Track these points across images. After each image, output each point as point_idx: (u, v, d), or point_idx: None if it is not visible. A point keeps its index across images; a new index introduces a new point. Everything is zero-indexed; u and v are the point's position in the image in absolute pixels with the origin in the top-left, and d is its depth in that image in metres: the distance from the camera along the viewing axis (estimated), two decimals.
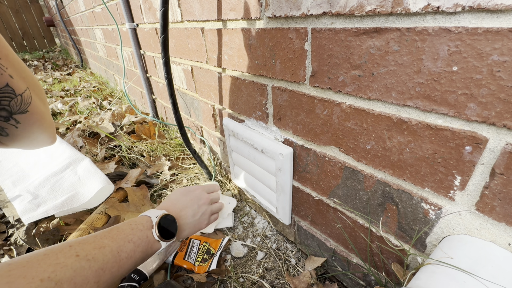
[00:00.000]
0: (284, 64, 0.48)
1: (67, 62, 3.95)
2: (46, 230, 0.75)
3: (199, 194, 0.62)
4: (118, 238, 0.43)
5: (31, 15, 5.36)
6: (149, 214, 0.51)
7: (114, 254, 0.40)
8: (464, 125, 0.30)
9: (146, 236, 0.47)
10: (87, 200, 0.81)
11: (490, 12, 0.25)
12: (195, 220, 0.59)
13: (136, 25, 1.12)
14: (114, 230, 0.44)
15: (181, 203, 0.58)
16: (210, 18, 0.61)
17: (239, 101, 0.65)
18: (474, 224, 0.33)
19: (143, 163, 1.10)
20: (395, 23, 0.31)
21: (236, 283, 0.61)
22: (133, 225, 0.47)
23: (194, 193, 0.62)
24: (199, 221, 0.60)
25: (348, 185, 0.47)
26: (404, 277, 0.41)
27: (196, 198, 0.61)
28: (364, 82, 0.37)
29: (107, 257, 0.39)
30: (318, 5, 0.38)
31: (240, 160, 0.72)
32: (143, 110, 1.62)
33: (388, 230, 0.44)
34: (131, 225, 0.47)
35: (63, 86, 2.45)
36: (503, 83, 0.26)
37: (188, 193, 0.61)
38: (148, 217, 0.50)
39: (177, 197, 0.60)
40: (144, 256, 0.46)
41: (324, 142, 0.48)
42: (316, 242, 0.62)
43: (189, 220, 0.57)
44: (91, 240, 0.40)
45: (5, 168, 0.97)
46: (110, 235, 0.43)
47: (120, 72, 1.80)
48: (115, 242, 0.42)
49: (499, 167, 0.28)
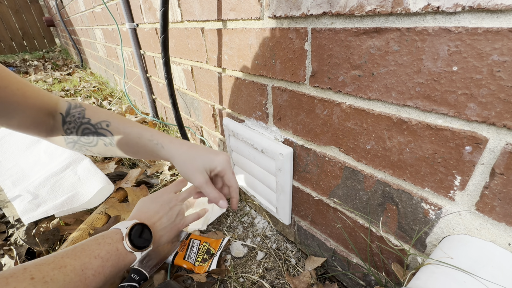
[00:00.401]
0: (284, 64, 0.48)
1: (67, 62, 3.96)
2: (46, 230, 0.75)
3: (168, 197, 0.60)
4: (82, 255, 0.40)
5: (31, 15, 5.37)
6: (118, 226, 0.49)
7: (77, 272, 0.37)
8: (464, 125, 0.30)
9: (116, 249, 0.44)
10: (87, 200, 0.81)
11: (490, 12, 0.25)
12: (170, 223, 0.57)
13: (136, 25, 1.12)
14: (78, 247, 0.42)
15: (151, 209, 0.56)
16: (210, 18, 0.61)
17: (239, 101, 0.65)
18: (474, 224, 0.33)
19: (143, 163, 1.10)
20: (395, 23, 0.31)
21: (236, 283, 0.61)
22: (100, 239, 0.44)
23: (162, 197, 0.59)
24: (175, 223, 0.58)
25: (348, 185, 0.47)
26: (404, 277, 0.41)
27: (166, 201, 0.59)
28: (364, 82, 0.37)
29: (69, 277, 0.36)
30: (318, 5, 0.38)
31: (240, 160, 0.72)
32: (143, 110, 1.62)
33: (388, 230, 0.44)
34: (97, 240, 0.44)
35: (63, 86, 2.45)
36: (503, 83, 0.26)
37: (156, 199, 0.59)
38: (118, 229, 0.48)
39: (146, 205, 0.57)
40: (117, 271, 0.44)
41: (324, 142, 0.48)
42: (316, 242, 0.62)
43: (165, 225, 0.55)
44: (50, 261, 0.37)
45: (5, 168, 0.97)
46: (73, 253, 0.40)
47: (120, 72, 1.80)
48: (79, 259, 0.39)
49: (499, 167, 0.28)
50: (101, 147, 0.53)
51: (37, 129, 0.50)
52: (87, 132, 0.51)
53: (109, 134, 0.51)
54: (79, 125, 0.51)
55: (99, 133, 0.51)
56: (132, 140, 0.52)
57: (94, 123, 0.51)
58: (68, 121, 0.51)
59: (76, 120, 0.51)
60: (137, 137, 0.52)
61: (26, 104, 0.46)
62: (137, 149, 0.54)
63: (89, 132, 0.51)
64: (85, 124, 0.51)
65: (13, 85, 0.44)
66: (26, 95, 0.45)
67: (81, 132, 0.51)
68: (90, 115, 0.52)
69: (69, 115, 0.51)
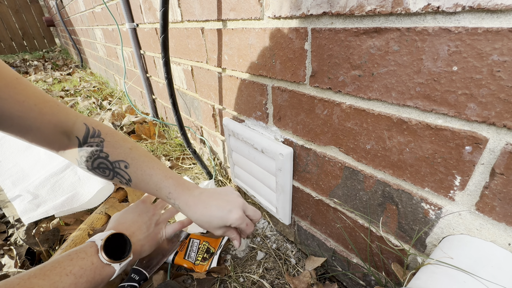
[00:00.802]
0: (284, 64, 0.48)
1: (67, 62, 3.96)
2: (46, 230, 0.75)
3: (145, 206, 0.59)
4: (52, 273, 0.38)
5: (31, 15, 5.37)
6: (93, 239, 0.47)
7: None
8: (464, 125, 0.30)
9: (91, 263, 0.42)
10: (87, 200, 0.81)
11: (490, 12, 0.25)
12: (151, 232, 0.55)
13: (136, 25, 1.12)
14: (47, 265, 0.39)
15: (129, 219, 0.54)
16: (210, 18, 0.62)
17: (239, 101, 0.65)
18: (474, 224, 0.33)
19: None
20: (395, 23, 0.31)
21: (236, 283, 0.61)
22: (72, 255, 0.42)
23: (139, 207, 0.58)
24: (155, 232, 0.56)
25: (348, 185, 0.47)
26: (404, 277, 0.41)
27: (144, 210, 0.58)
28: (364, 82, 0.37)
29: None
30: (318, 5, 0.38)
31: (240, 160, 0.72)
32: (143, 110, 1.62)
33: (388, 230, 0.44)
34: (70, 255, 0.42)
35: (63, 86, 2.45)
36: (503, 83, 0.26)
37: (134, 209, 0.57)
38: (93, 241, 0.46)
39: (123, 216, 0.56)
40: (93, 286, 0.42)
41: (324, 142, 0.48)
42: (316, 242, 0.62)
43: (145, 234, 0.54)
44: (15, 283, 0.35)
45: (5, 168, 0.97)
46: (42, 272, 0.38)
47: (120, 72, 1.80)
48: (48, 279, 0.37)
49: (499, 167, 0.28)
50: (117, 182, 0.52)
51: (51, 146, 0.48)
52: (103, 167, 0.49)
53: (126, 176, 0.50)
54: (96, 157, 0.49)
55: (116, 172, 0.50)
56: (150, 190, 0.51)
57: (112, 161, 0.49)
58: (85, 149, 0.49)
59: (94, 152, 0.48)
60: (154, 189, 0.51)
61: (42, 121, 0.44)
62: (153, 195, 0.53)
63: (105, 168, 0.49)
64: (102, 158, 0.49)
65: (31, 100, 0.42)
66: (43, 112, 0.44)
67: (97, 164, 0.49)
68: (109, 150, 0.49)
69: (86, 143, 0.48)
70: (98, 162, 0.49)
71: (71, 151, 0.49)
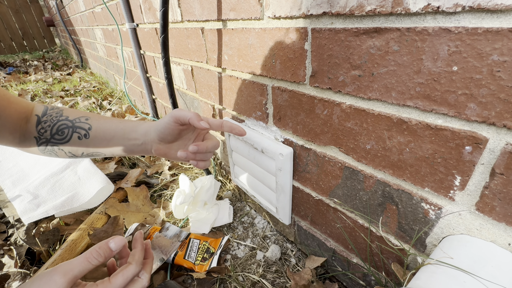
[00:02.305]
0: (284, 64, 0.48)
1: (67, 62, 3.95)
2: (46, 230, 0.75)
3: None
4: None
5: (31, 15, 5.37)
6: None
7: None
8: (464, 125, 0.30)
9: None
10: (87, 200, 0.81)
11: (490, 12, 0.25)
12: None
13: (136, 25, 1.12)
14: None
15: None
16: (210, 18, 0.61)
17: (239, 101, 0.65)
18: (474, 224, 0.33)
19: (143, 163, 1.10)
20: (395, 23, 0.31)
21: (236, 283, 0.61)
22: None
23: None
24: None
25: (348, 185, 0.47)
26: (404, 277, 0.41)
27: None
28: (364, 82, 0.37)
29: None
30: (318, 5, 0.38)
31: (240, 160, 0.72)
32: (143, 110, 1.62)
33: (388, 230, 0.44)
34: None
35: (63, 86, 2.45)
36: (503, 83, 0.26)
37: None
38: None
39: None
40: None
41: (324, 142, 0.48)
42: (316, 242, 0.62)
43: None
44: None
45: (5, 168, 0.97)
46: None
47: (120, 72, 1.80)
48: None
49: (499, 167, 0.28)
50: (74, 142, 0.50)
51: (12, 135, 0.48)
52: (62, 128, 0.49)
53: (86, 126, 0.49)
54: (55, 122, 0.49)
55: (76, 126, 0.49)
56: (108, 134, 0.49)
57: (72, 119, 0.50)
58: (44, 120, 0.49)
59: (53, 118, 0.49)
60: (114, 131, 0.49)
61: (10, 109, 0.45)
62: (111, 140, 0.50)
63: (65, 127, 0.49)
64: (62, 121, 0.49)
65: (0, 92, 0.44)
66: (10, 100, 0.45)
67: (56, 129, 0.49)
68: (69, 113, 0.51)
69: (45, 115, 0.50)
70: (58, 126, 0.49)
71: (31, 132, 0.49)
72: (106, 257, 0.39)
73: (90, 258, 0.37)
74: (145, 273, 0.43)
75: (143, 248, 0.44)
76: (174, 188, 0.95)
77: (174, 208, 0.78)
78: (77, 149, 0.52)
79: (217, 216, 0.79)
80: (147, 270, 0.44)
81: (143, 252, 0.44)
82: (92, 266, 0.37)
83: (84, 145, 0.51)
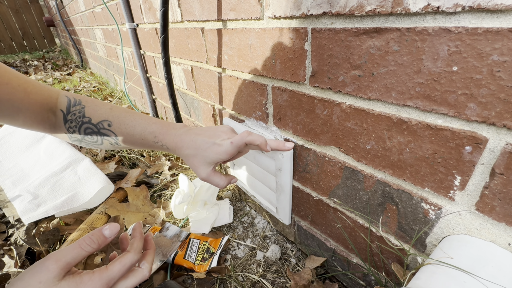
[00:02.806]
0: (284, 64, 0.48)
1: (67, 62, 3.95)
2: (46, 230, 0.75)
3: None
4: None
5: (31, 15, 5.37)
6: None
7: None
8: (464, 125, 0.30)
9: None
10: (87, 200, 0.81)
11: (490, 12, 0.25)
12: None
13: (136, 25, 1.12)
14: None
15: None
16: (210, 18, 0.61)
17: (239, 101, 0.65)
18: (474, 224, 0.33)
19: (143, 163, 1.10)
20: (395, 23, 0.31)
21: (236, 283, 0.61)
22: None
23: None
24: None
25: (348, 185, 0.47)
26: (404, 277, 0.41)
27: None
28: (364, 82, 0.37)
29: None
30: (318, 5, 0.38)
31: (240, 160, 0.72)
32: (143, 110, 1.62)
33: (388, 230, 0.44)
34: None
35: (63, 86, 2.45)
36: (503, 83, 0.26)
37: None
38: None
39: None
40: None
41: (324, 142, 0.48)
42: (316, 242, 0.62)
43: None
44: None
45: (5, 168, 0.97)
46: None
47: (120, 72, 1.80)
48: None
49: (499, 167, 0.28)
50: (107, 145, 0.52)
51: (42, 125, 0.49)
52: (89, 132, 0.50)
53: (112, 135, 0.50)
54: (80, 124, 0.50)
55: (102, 133, 0.50)
56: (137, 141, 0.51)
57: (95, 123, 0.50)
58: (69, 119, 0.50)
59: (77, 119, 0.50)
60: (140, 139, 0.50)
61: (29, 100, 0.44)
62: (143, 147, 0.53)
63: (91, 132, 0.50)
64: (86, 123, 0.50)
65: (14, 82, 0.42)
66: (27, 91, 0.44)
67: (83, 131, 0.50)
68: (90, 113, 0.50)
69: (70, 113, 0.50)
70: (84, 128, 0.50)
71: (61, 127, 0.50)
72: (100, 244, 0.38)
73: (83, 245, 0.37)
74: (146, 263, 0.42)
75: (142, 237, 0.44)
76: (174, 188, 0.95)
77: (173, 208, 0.78)
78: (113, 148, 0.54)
79: (217, 216, 0.79)
80: (148, 260, 0.43)
81: (142, 241, 0.43)
82: (85, 253, 0.36)
83: (119, 147, 0.53)
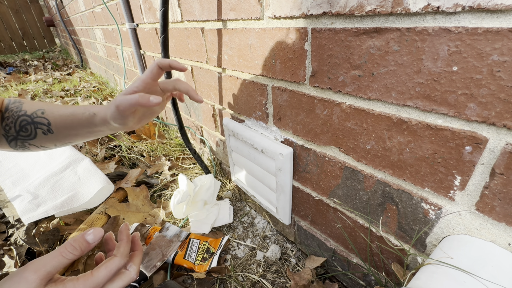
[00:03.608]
0: (284, 64, 0.48)
1: (67, 62, 3.95)
2: (46, 230, 0.75)
3: None
4: None
5: (31, 15, 5.36)
6: None
7: None
8: (464, 125, 0.30)
9: None
10: (87, 200, 0.81)
11: (490, 12, 0.25)
12: None
13: (136, 25, 1.12)
14: None
15: None
16: (210, 18, 0.61)
17: (239, 101, 0.65)
18: (474, 224, 0.33)
19: (143, 163, 1.10)
20: (395, 23, 0.31)
21: (236, 283, 0.61)
22: None
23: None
24: None
25: (348, 185, 0.47)
26: (404, 277, 0.41)
27: None
28: (364, 82, 0.37)
29: None
30: (318, 5, 0.38)
31: (240, 160, 0.72)
32: None
33: (388, 230, 0.44)
34: None
35: (63, 86, 2.45)
36: (503, 83, 0.26)
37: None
38: None
39: None
40: None
41: (324, 142, 0.48)
42: (316, 242, 0.62)
43: None
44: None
45: (5, 168, 0.97)
46: None
47: (120, 72, 1.80)
48: None
49: (499, 167, 0.28)
50: (40, 137, 0.50)
51: None
52: (24, 124, 0.49)
53: (45, 121, 0.49)
54: (16, 118, 0.49)
55: (36, 122, 0.49)
56: (67, 119, 0.49)
57: (30, 114, 0.49)
58: (7, 116, 0.49)
59: (14, 114, 0.49)
60: (71, 115, 0.49)
61: None
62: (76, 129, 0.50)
63: (26, 123, 0.49)
64: (22, 116, 0.49)
65: None
66: None
67: (19, 125, 0.49)
68: (27, 107, 0.50)
69: (7, 111, 0.50)
70: (20, 121, 0.49)
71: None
72: (82, 250, 0.37)
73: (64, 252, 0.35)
74: (133, 265, 0.41)
75: (129, 240, 0.43)
76: (174, 188, 0.95)
77: (173, 208, 0.78)
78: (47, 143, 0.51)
79: (217, 216, 0.79)
80: (135, 262, 0.42)
81: (129, 244, 0.42)
82: (67, 260, 0.35)
83: (53, 139, 0.51)
